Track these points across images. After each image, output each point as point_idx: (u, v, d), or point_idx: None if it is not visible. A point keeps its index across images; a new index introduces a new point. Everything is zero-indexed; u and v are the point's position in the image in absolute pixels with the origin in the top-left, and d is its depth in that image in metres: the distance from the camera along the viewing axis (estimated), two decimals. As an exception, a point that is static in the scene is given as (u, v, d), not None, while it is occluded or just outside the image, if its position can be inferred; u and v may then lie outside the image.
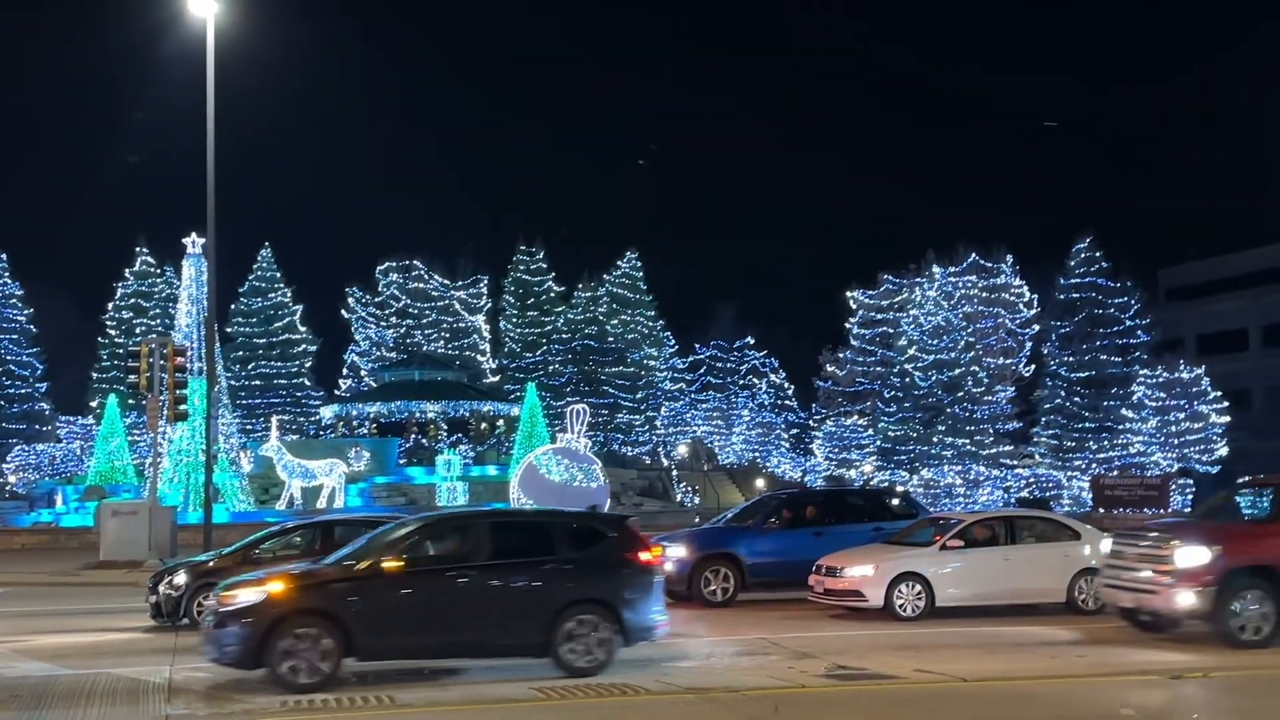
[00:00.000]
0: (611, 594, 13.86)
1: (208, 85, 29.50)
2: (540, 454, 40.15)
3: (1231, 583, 15.32)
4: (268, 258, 70.75)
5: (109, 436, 49.23)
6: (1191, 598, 15.35)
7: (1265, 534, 16.10)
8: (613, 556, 14.21)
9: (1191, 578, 15.37)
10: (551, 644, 13.52)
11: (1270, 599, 15.36)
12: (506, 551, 13.96)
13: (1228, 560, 15.40)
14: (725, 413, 70.24)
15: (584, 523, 15.12)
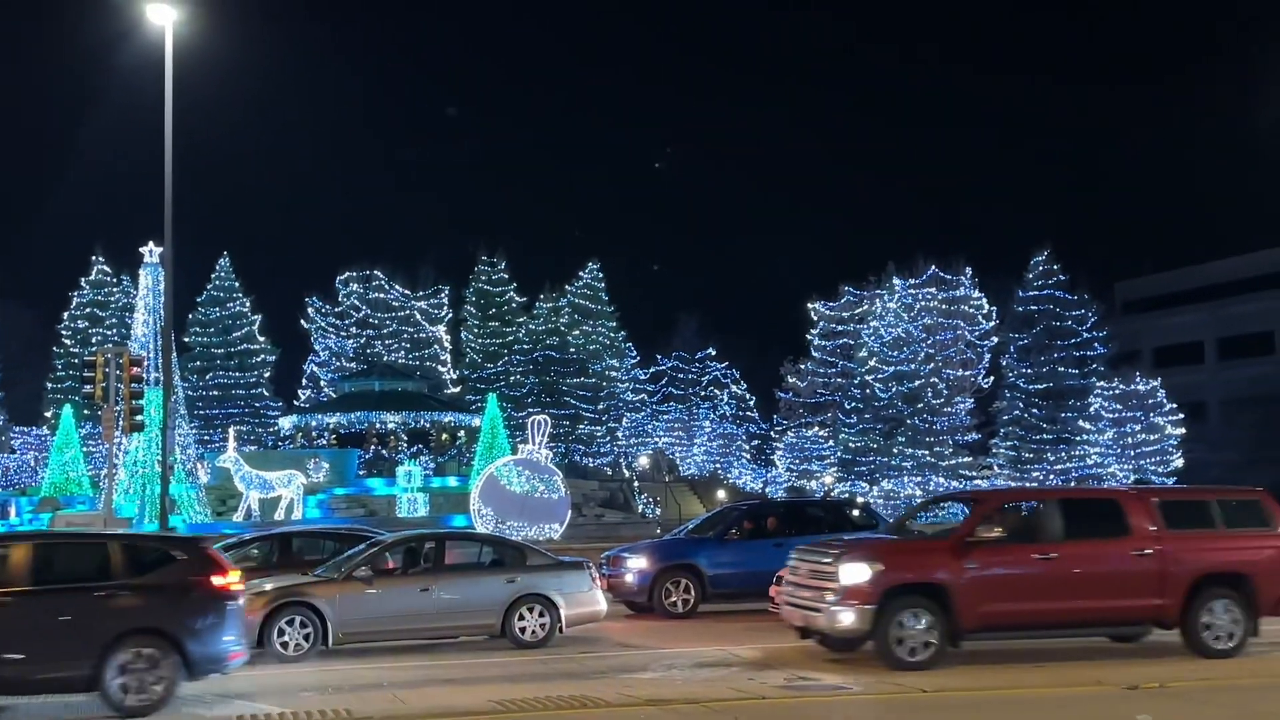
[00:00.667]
0: (173, 623, 12.58)
1: (166, 94, 29.28)
2: (501, 465, 39.98)
3: (892, 601, 14.41)
4: (226, 267, 70.24)
5: (64, 447, 48.64)
6: (852, 616, 14.38)
7: (932, 550, 15.33)
8: (179, 581, 12.87)
9: (853, 595, 14.41)
10: (100, 678, 12.23)
11: (935, 618, 14.45)
12: (54, 576, 12.58)
13: (890, 577, 14.48)
14: (687, 424, 70.32)
15: (149, 544, 14.06)
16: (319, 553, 19.64)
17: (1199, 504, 16.75)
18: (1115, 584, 15.25)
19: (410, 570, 17.45)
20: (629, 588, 21.20)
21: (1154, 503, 15.84)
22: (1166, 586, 15.28)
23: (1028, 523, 15.89)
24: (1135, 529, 15.47)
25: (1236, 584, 15.54)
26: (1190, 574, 15.37)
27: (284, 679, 14.46)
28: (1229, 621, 15.42)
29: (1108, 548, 15.40)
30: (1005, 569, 14.92)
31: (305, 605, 16.15)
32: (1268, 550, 15.95)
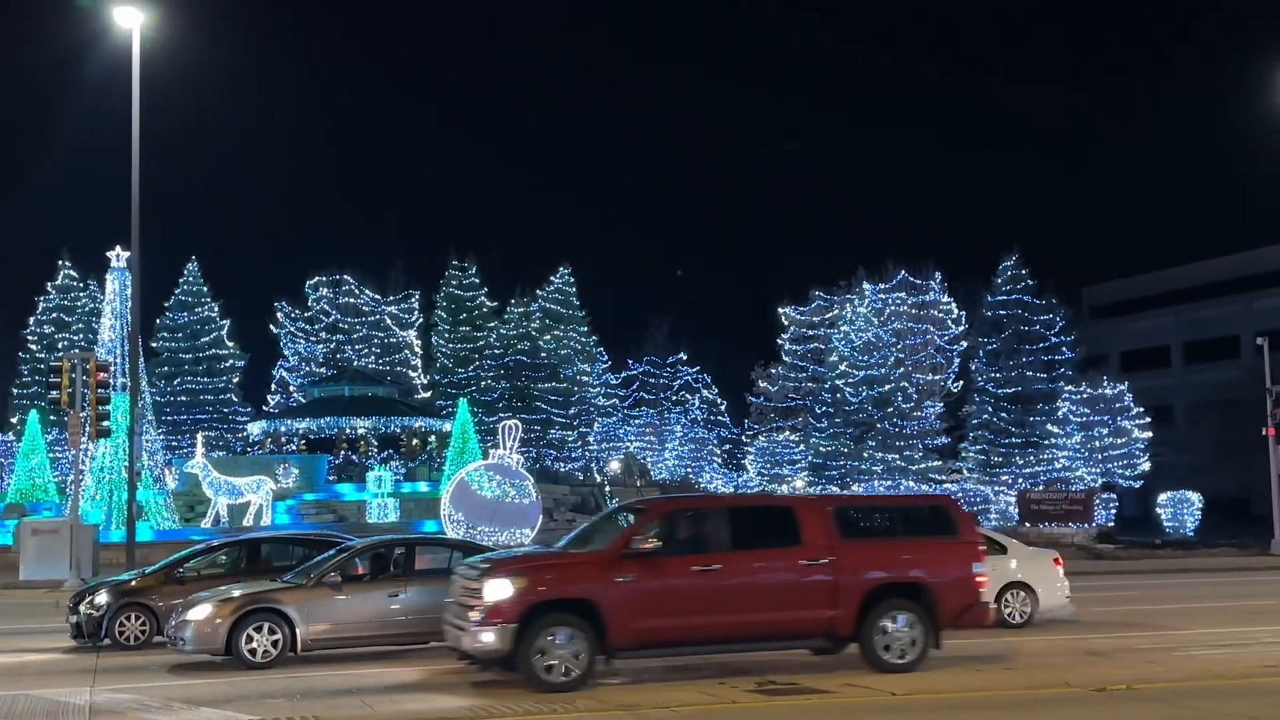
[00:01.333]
0: None
1: (133, 97, 29.10)
2: (472, 470, 39.86)
3: (537, 619, 13.51)
4: (194, 271, 69.74)
5: (30, 453, 48.15)
6: (492, 636, 13.47)
7: (584, 564, 14.20)
8: None
9: (495, 614, 13.51)
10: None
11: (583, 636, 13.58)
12: None
13: (533, 594, 13.61)
14: (658, 428, 70.33)
15: None
16: (288, 559, 19.54)
17: (878, 512, 16.44)
18: (783, 596, 14.48)
19: (380, 576, 17.36)
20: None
21: (829, 511, 15.08)
22: (839, 598, 14.53)
23: (693, 533, 14.83)
24: (807, 538, 14.69)
25: (916, 595, 14.87)
26: (865, 585, 14.64)
27: (252, 685, 14.37)
28: (907, 635, 14.70)
29: (776, 558, 14.64)
30: (661, 582, 13.99)
31: (274, 611, 16.05)
32: (951, 560, 15.28)
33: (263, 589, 16.70)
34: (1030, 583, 20.00)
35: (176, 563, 19.36)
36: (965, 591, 15.18)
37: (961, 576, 15.21)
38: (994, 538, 21.52)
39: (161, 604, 18.14)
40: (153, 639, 18.06)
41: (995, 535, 22.14)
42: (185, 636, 15.91)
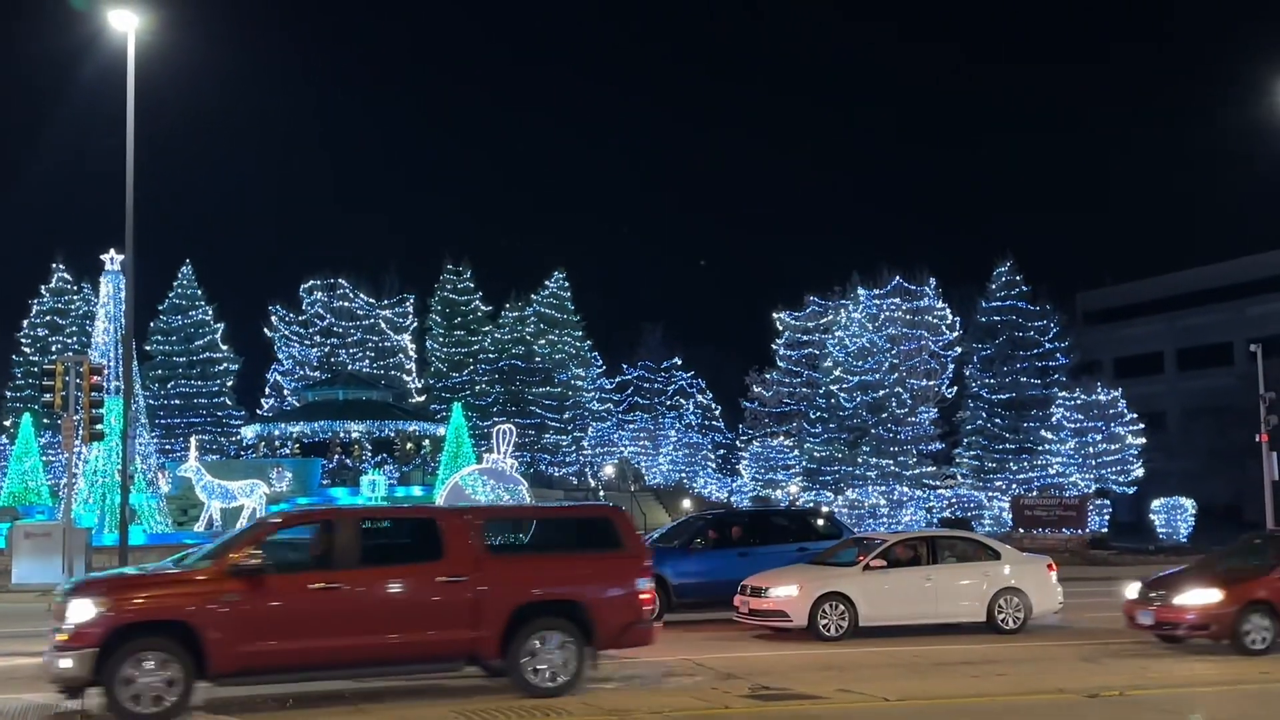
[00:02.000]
0: None
1: (128, 100, 29.05)
2: (466, 474, 39.84)
3: (124, 643, 12.36)
4: (188, 275, 69.69)
5: (23, 456, 48.07)
6: (70, 661, 12.36)
7: (183, 582, 13.04)
8: None
9: (78, 638, 12.34)
10: None
11: (178, 662, 12.48)
12: None
13: (118, 616, 12.44)
14: (652, 433, 70.31)
15: None
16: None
17: (535, 524, 15.50)
18: (419, 616, 13.35)
19: None
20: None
21: (476, 523, 14.07)
22: (483, 617, 13.45)
23: (319, 547, 13.60)
24: (450, 553, 13.60)
25: (570, 613, 13.81)
26: (511, 603, 13.57)
27: (244, 690, 14.32)
28: (559, 656, 13.65)
29: (412, 574, 13.52)
30: (271, 602, 12.85)
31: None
32: (611, 575, 14.23)
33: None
34: (1023, 588, 20.04)
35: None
36: (626, 609, 14.09)
37: (623, 593, 14.13)
38: (987, 543, 21.58)
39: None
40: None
41: (989, 541, 22.19)
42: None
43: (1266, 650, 16.96)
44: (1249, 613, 17.14)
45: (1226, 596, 17.22)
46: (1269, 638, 17.15)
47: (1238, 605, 17.15)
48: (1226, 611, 17.12)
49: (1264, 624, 17.17)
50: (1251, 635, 17.12)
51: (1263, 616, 17.19)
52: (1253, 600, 17.21)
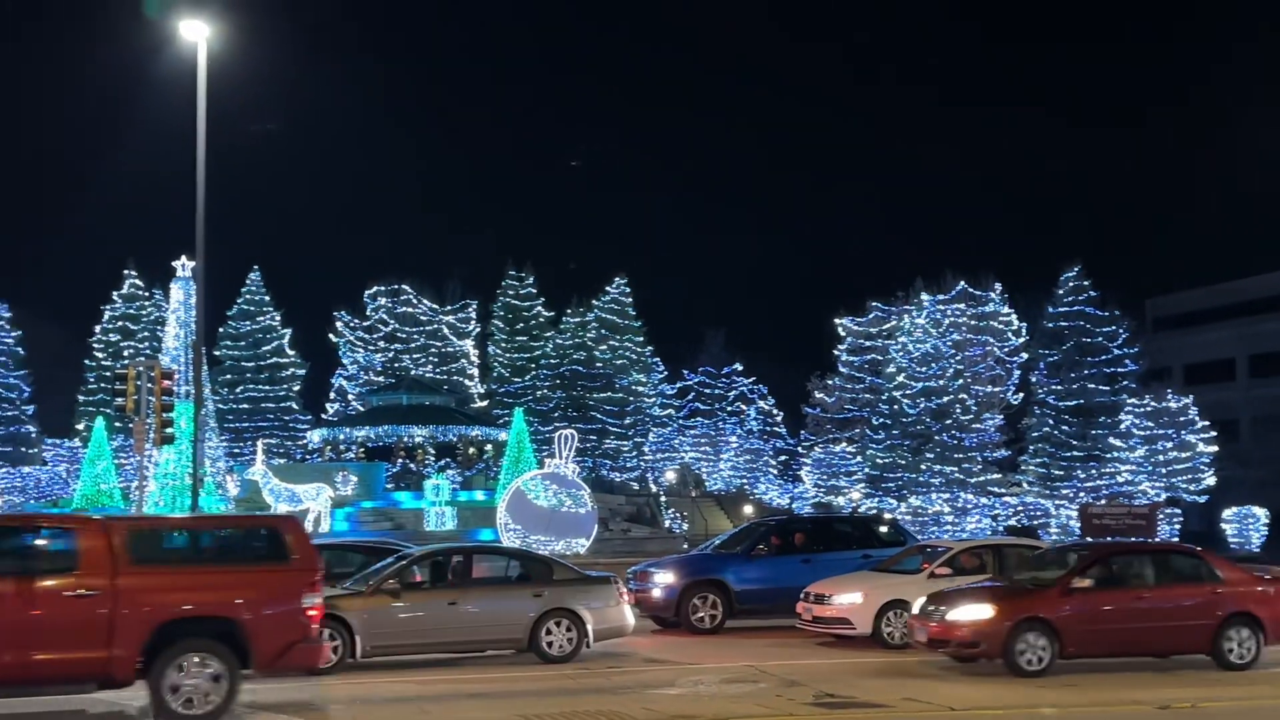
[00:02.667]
0: None
1: (198, 109, 29.52)
2: (528, 479, 39.99)
3: None
4: (256, 281, 70.77)
5: (95, 459, 49.00)
6: None
7: None
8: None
9: None
10: None
11: None
12: None
13: None
14: (713, 439, 70.15)
15: None
16: (347, 565, 19.66)
17: (191, 533, 14.18)
18: (42, 633, 12.13)
19: (438, 584, 17.49)
20: (656, 603, 21.16)
21: (120, 532, 12.83)
22: (117, 635, 12.26)
23: None
24: (85, 564, 12.42)
25: (223, 631, 12.63)
26: (153, 620, 12.39)
27: (312, 691, 14.51)
28: (205, 679, 12.44)
29: (35, 588, 12.26)
30: None
31: (334, 618, 16.17)
32: (273, 591, 12.96)
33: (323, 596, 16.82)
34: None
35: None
36: (289, 628, 12.86)
37: (286, 610, 12.88)
38: (1055, 552, 21.24)
39: (223, 609, 18.28)
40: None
41: (1056, 549, 21.85)
42: (246, 641, 16.03)
43: (1043, 671, 15.47)
44: (1023, 630, 15.60)
45: (998, 612, 15.76)
46: (1046, 658, 15.59)
47: (1010, 622, 15.64)
48: (998, 629, 15.61)
49: (1040, 643, 15.59)
50: (1026, 655, 15.57)
51: (1039, 635, 15.62)
52: (1028, 617, 15.71)
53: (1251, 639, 16.42)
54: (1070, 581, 16.16)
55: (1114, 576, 16.62)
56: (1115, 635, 16.08)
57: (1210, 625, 16.35)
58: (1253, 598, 16.64)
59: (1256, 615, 16.50)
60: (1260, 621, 16.51)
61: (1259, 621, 16.51)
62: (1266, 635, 16.53)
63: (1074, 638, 15.78)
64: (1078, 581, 16.14)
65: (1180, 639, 16.40)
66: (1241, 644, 16.38)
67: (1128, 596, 16.30)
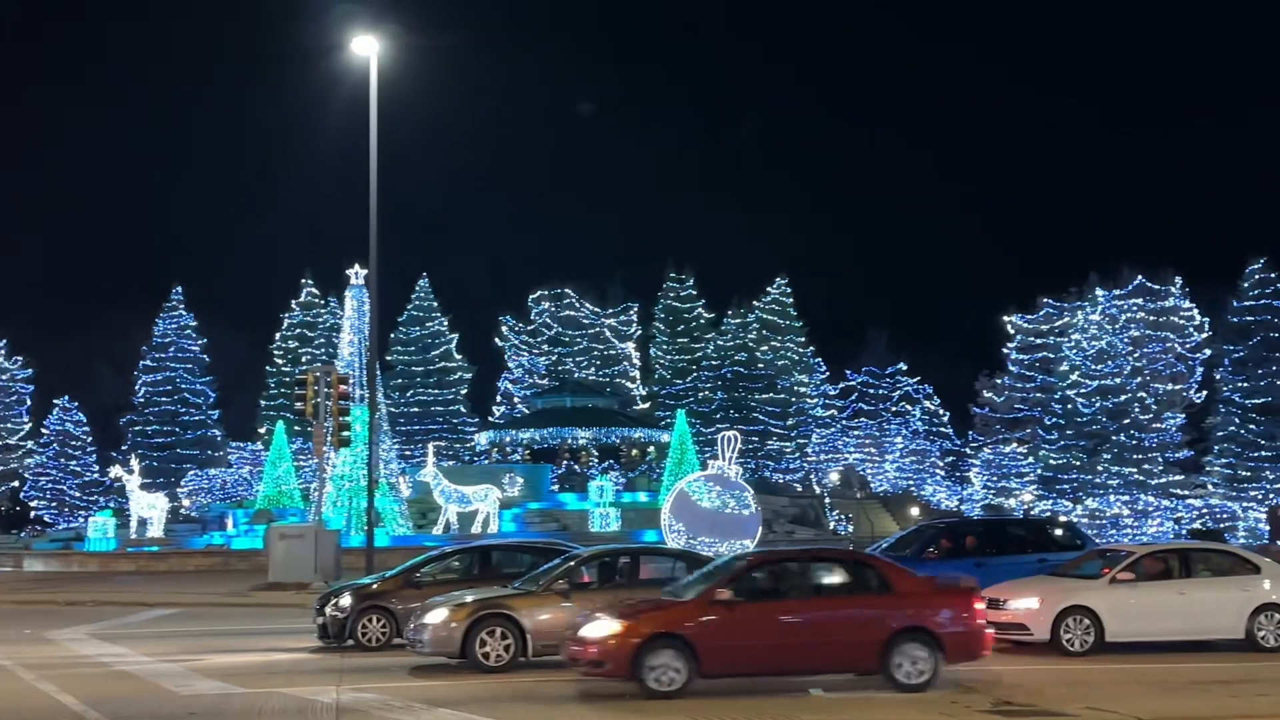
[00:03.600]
0: None
1: (370, 123, 30.42)
2: (691, 481, 39.93)
3: None
4: (425, 288, 72.71)
5: (277, 462, 50.90)
6: None
7: None
8: None
9: None
10: None
11: None
12: None
13: None
14: (878, 440, 69.23)
15: None
16: (516, 565, 19.98)
17: None
18: None
19: (605, 584, 17.59)
20: (824, 606, 20.86)
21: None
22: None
23: None
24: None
25: None
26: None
27: (485, 688, 14.76)
28: None
29: None
30: None
31: (506, 617, 16.43)
32: None
33: (494, 595, 17.13)
34: (1287, 605, 18.66)
35: (413, 568, 20.05)
36: None
37: None
38: (1245, 556, 20.23)
39: (401, 607, 18.78)
40: (392, 641, 18.72)
41: (1246, 553, 20.81)
42: (423, 639, 16.46)
43: (677, 693, 13.82)
44: (655, 648, 13.85)
45: (625, 628, 14.01)
46: (680, 679, 13.81)
47: (639, 639, 13.86)
48: (625, 646, 13.86)
49: (675, 664, 13.79)
50: (657, 674, 13.81)
51: (675, 654, 13.83)
52: (660, 633, 13.95)
53: (928, 658, 14.27)
54: (712, 593, 14.35)
55: (764, 587, 14.69)
56: (762, 652, 14.16)
57: (877, 641, 14.25)
58: (930, 611, 14.51)
59: (933, 631, 14.35)
60: (937, 638, 14.37)
61: (936, 638, 14.36)
62: (946, 653, 14.44)
63: (712, 655, 13.97)
64: (719, 593, 14.29)
65: (842, 656, 14.40)
66: (915, 663, 14.23)
67: (779, 609, 14.35)
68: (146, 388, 69.44)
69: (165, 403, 69.04)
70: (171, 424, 68.83)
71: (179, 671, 16.62)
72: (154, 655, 18.48)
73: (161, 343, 69.73)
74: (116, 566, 42.38)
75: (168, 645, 19.85)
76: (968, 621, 14.65)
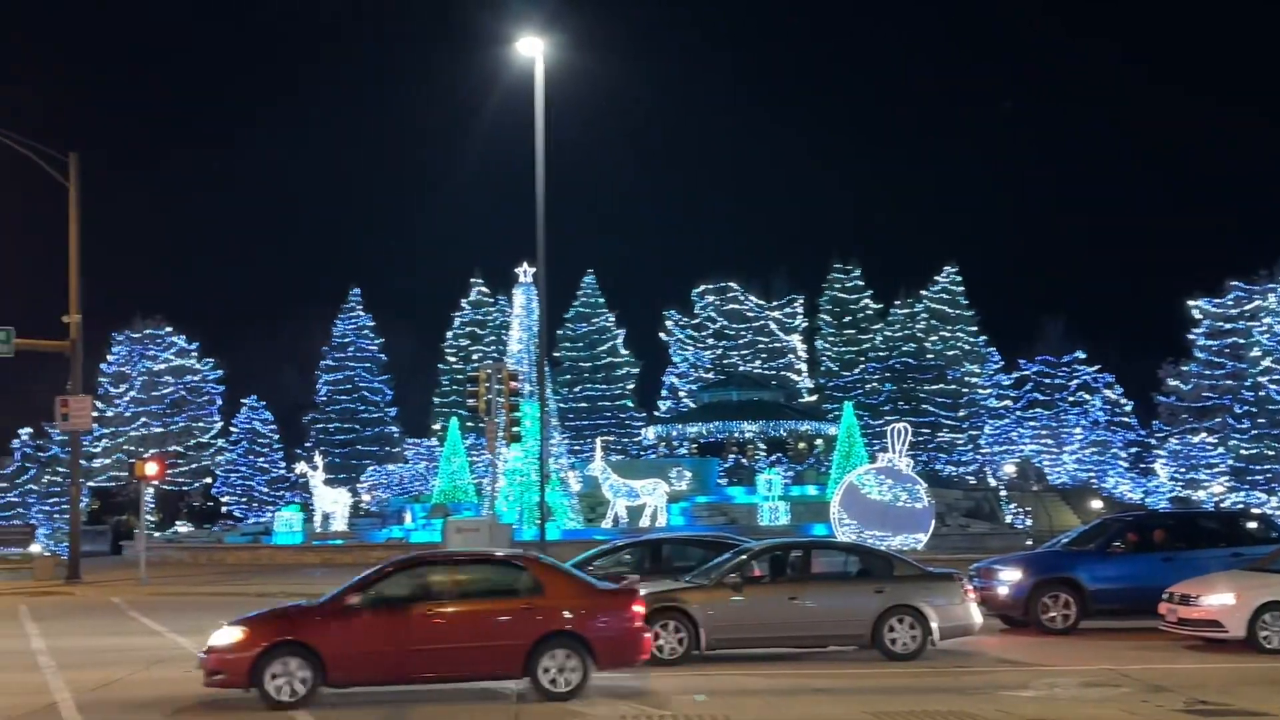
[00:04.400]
0: None
1: (536, 124, 30.91)
2: (861, 474, 39.46)
3: None
4: (591, 284, 73.56)
5: (451, 457, 52.24)
6: None
7: None
8: None
9: None
10: None
11: None
12: None
13: None
14: (1054, 431, 67.12)
15: None
16: (687, 559, 20.01)
17: None
18: None
19: (777, 578, 17.51)
20: (1002, 601, 20.35)
21: None
22: None
23: None
24: None
25: None
26: None
27: (660, 682, 14.84)
28: None
29: None
30: None
31: (678, 611, 16.50)
32: None
33: (667, 589, 17.22)
34: None
35: (585, 561, 20.26)
36: None
37: None
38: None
39: (575, 600, 19.02)
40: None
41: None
42: (597, 632, 16.64)
43: (300, 703, 13.24)
44: (273, 658, 13.31)
45: (245, 637, 13.51)
46: (301, 689, 13.28)
47: (258, 648, 13.36)
48: (243, 656, 13.34)
49: (301, 673, 13.30)
50: (277, 683, 13.30)
51: (302, 663, 13.31)
52: (283, 641, 13.40)
53: (578, 663, 13.72)
54: (342, 599, 13.83)
55: (401, 592, 13.95)
56: (395, 659, 13.55)
57: (522, 647, 13.63)
58: (579, 614, 13.87)
59: (582, 635, 13.77)
60: (586, 642, 13.76)
61: (585, 642, 13.75)
62: (596, 658, 13.80)
63: (340, 664, 13.41)
64: (349, 598, 13.76)
65: (485, 662, 13.75)
66: (562, 670, 13.69)
67: (415, 614, 13.67)
68: (327, 386, 72.10)
69: (345, 401, 71.58)
70: (351, 421, 71.30)
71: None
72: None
73: (341, 343, 72.30)
74: (303, 559, 44.12)
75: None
76: (623, 625, 14.01)
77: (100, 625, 23.74)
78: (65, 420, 36.25)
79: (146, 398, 68.57)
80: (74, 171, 36.68)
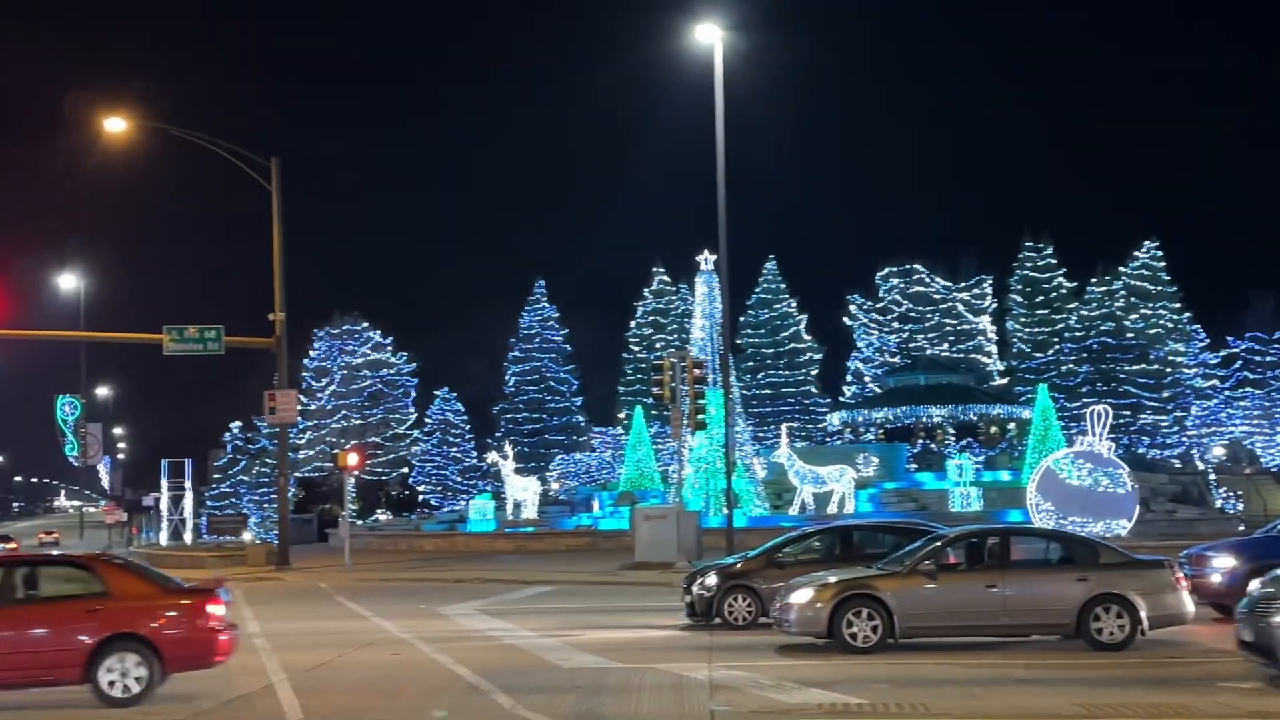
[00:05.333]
0: None
1: (717, 111, 30.83)
2: (1058, 458, 38.09)
3: None
4: (772, 270, 73.14)
5: (636, 446, 52.76)
6: None
7: None
8: None
9: None
10: None
11: None
12: None
13: None
14: (1267, 411, 63.59)
15: None
16: (878, 546, 19.68)
17: None
18: None
19: (974, 566, 17.03)
20: (1215, 589, 19.36)
21: None
22: None
23: None
24: None
25: None
26: None
27: (854, 669, 14.64)
28: None
29: None
30: None
31: (871, 598, 16.23)
32: None
33: (859, 575, 16.96)
34: None
35: (775, 548, 20.17)
36: None
37: None
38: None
39: (764, 587, 18.93)
40: (758, 620, 18.91)
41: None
42: (789, 619, 16.52)
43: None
44: None
45: None
46: None
47: None
48: None
49: None
50: None
51: None
52: None
53: (144, 668, 13.12)
54: None
55: None
56: None
57: (83, 650, 13.07)
58: (147, 616, 13.30)
59: (147, 637, 13.20)
60: (154, 645, 13.21)
61: (152, 645, 13.20)
62: (165, 662, 13.23)
63: None
64: None
65: (36, 668, 13.12)
66: (125, 674, 13.07)
67: None
68: (515, 377, 73.67)
69: (532, 391, 73.04)
70: (539, 411, 72.71)
71: (559, 646, 17.49)
72: (536, 630, 19.55)
73: (527, 334, 73.80)
74: (496, 546, 45.23)
75: (547, 621, 20.96)
76: (195, 627, 13.51)
77: (310, 609, 24.86)
78: (273, 414, 38.06)
79: (346, 391, 71.39)
80: (276, 176, 38.41)
